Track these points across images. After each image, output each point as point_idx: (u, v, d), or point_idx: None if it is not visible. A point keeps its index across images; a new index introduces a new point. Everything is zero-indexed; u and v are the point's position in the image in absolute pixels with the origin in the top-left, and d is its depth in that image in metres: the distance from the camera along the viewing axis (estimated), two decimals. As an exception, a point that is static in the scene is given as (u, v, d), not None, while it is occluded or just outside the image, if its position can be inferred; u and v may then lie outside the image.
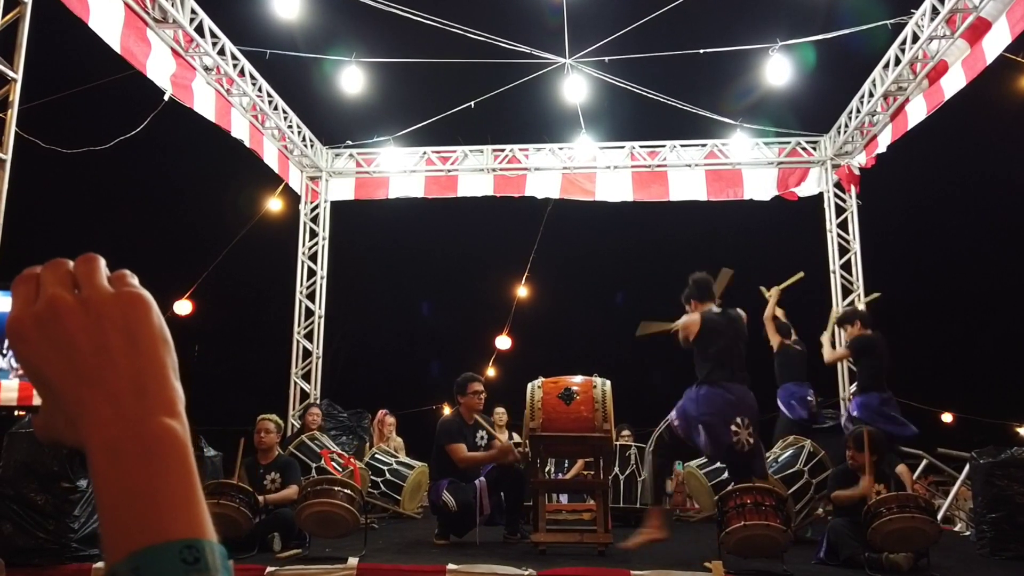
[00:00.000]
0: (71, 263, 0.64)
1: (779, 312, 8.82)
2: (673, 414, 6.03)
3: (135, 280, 0.65)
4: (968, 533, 7.96)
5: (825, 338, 8.82)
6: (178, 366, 0.63)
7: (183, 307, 11.23)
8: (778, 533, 5.23)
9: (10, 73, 6.25)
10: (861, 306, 10.70)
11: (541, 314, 13.80)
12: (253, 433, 6.61)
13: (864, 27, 9.53)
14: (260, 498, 6.07)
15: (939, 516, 7.25)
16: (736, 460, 5.89)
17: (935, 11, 8.43)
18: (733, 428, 5.74)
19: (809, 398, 8.25)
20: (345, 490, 5.73)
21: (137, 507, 0.55)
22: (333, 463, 7.68)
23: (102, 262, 0.65)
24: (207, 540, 0.54)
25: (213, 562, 0.53)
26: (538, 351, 13.79)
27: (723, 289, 6.43)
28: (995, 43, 7.91)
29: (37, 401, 0.65)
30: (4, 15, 6.20)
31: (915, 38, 8.94)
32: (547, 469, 7.69)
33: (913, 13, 8.86)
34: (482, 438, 6.91)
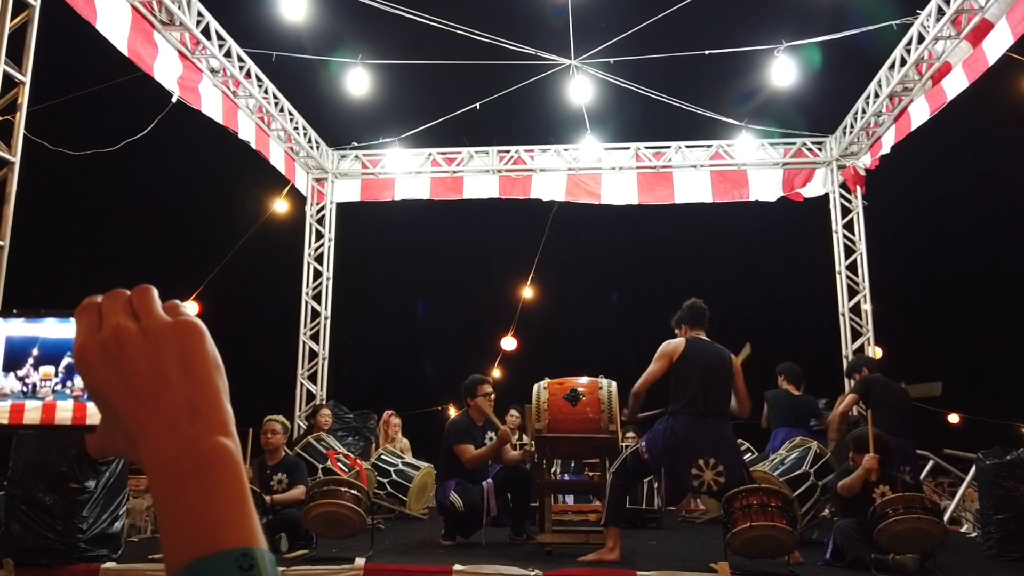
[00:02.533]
0: (128, 293, 0.69)
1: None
2: (644, 444, 5.91)
3: (187, 309, 0.69)
4: (975, 534, 7.95)
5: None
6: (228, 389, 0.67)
7: (189, 308, 11.25)
8: (784, 534, 5.23)
9: (18, 76, 6.28)
10: (869, 353, 10.73)
11: (547, 315, 13.81)
12: (260, 434, 6.63)
13: (870, 28, 9.52)
14: (267, 498, 6.09)
15: (945, 517, 7.24)
16: (713, 496, 5.82)
17: (941, 12, 8.43)
18: (694, 471, 5.63)
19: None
20: (352, 491, 5.74)
21: (195, 519, 0.59)
22: (339, 464, 7.71)
23: (156, 292, 0.69)
24: (259, 548, 0.59)
25: (265, 568, 0.58)
26: (544, 352, 13.78)
27: (744, 361, 6.32)
28: (997, 44, 7.91)
29: (91, 421, 0.70)
30: (12, 18, 6.23)
31: (920, 39, 8.93)
32: (553, 470, 7.71)
33: (919, 14, 8.85)
34: (490, 439, 6.91)
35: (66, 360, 0.87)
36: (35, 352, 0.88)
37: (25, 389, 0.87)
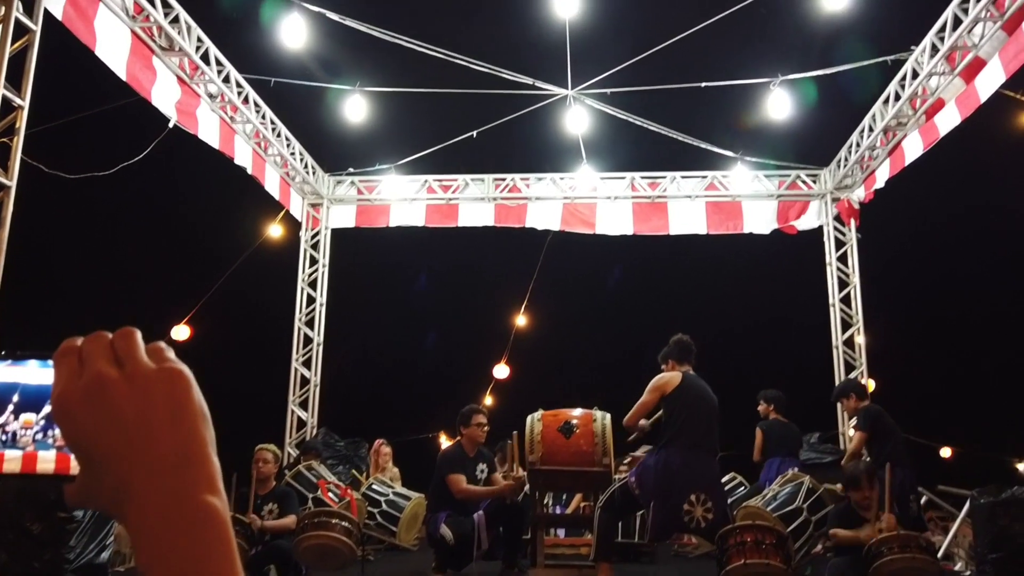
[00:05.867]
0: (110, 335, 0.66)
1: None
2: (633, 478, 5.92)
3: (172, 354, 0.66)
4: (968, 572, 7.91)
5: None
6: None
7: (181, 332, 11.20)
8: (779, 572, 5.19)
9: (17, 100, 6.27)
10: (858, 376, 10.78)
11: (541, 343, 13.77)
12: (251, 463, 6.57)
13: (865, 63, 9.61)
14: (256, 524, 6.01)
15: (939, 554, 7.21)
16: (699, 534, 5.82)
17: (935, 48, 8.51)
18: (686, 507, 5.63)
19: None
20: (343, 522, 5.70)
21: None
22: (330, 494, 7.63)
23: (139, 335, 0.66)
24: None
25: None
26: (537, 381, 13.73)
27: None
28: (989, 81, 7.99)
29: (74, 471, 0.67)
30: (13, 42, 6.23)
31: (915, 74, 9.01)
32: (546, 503, 7.66)
33: (913, 50, 8.94)
34: (482, 471, 6.87)
35: (48, 408, 0.84)
36: (15, 399, 0.84)
37: (4, 438, 0.84)
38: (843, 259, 11.71)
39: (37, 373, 0.83)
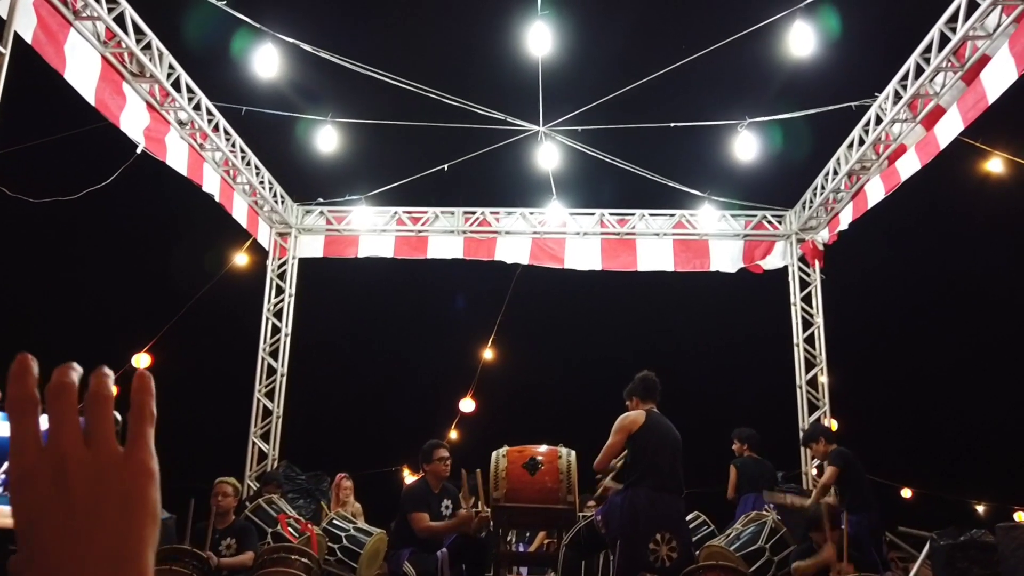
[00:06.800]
0: (75, 390, 0.63)
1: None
2: (599, 516, 5.92)
3: (151, 438, 0.65)
4: (928, 614, 7.94)
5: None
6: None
7: (142, 360, 11.02)
8: (742, 614, 5.18)
9: (-19, 122, 6.19)
10: (825, 421, 10.89)
11: (507, 377, 13.74)
12: (209, 496, 6.45)
13: (830, 108, 9.79)
14: (213, 559, 5.89)
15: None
16: (664, 574, 5.82)
17: (898, 96, 8.72)
18: (651, 546, 5.64)
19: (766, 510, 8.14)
20: (302, 559, 5.60)
21: None
22: (290, 528, 7.50)
23: (111, 403, 0.64)
24: None
25: None
26: (503, 416, 13.67)
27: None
28: (948, 130, 8.19)
29: None
30: (-21, 65, 6.16)
31: (878, 120, 9.21)
32: (509, 540, 7.59)
33: (877, 96, 9.15)
34: (447, 507, 6.79)
35: (7, 464, 0.81)
36: None
37: None
38: (807, 299, 11.84)
39: (1, 426, 0.81)
